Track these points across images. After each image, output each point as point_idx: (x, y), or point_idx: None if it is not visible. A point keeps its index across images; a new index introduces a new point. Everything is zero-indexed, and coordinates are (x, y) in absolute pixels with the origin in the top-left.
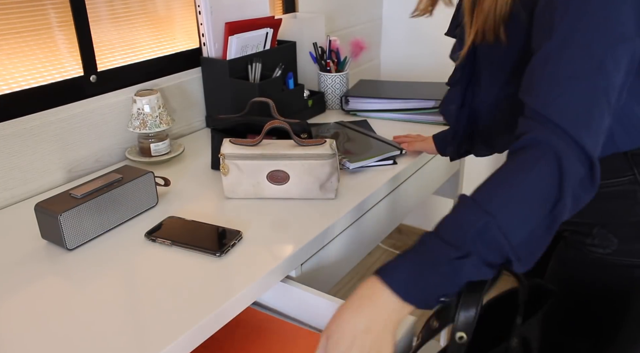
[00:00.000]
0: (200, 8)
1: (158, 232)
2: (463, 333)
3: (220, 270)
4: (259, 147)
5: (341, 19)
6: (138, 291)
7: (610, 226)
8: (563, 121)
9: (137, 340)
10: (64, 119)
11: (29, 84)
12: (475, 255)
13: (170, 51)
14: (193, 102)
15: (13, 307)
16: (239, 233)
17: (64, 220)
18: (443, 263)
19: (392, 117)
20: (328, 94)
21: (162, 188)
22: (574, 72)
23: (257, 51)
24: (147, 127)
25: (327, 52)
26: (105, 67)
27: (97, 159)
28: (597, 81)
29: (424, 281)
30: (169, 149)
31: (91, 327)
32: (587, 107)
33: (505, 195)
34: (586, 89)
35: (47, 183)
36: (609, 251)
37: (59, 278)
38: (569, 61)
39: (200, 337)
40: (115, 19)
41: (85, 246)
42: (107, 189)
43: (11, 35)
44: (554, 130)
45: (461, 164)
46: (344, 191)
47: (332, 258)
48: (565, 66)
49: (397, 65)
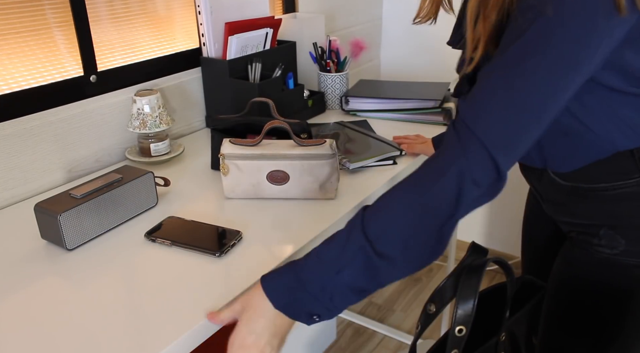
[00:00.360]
0: (200, 8)
1: (158, 232)
2: (462, 326)
3: (220, 270)
4: (259, 147)
5: (341, 19)
6: (138, 292)
7: (618, 228)
8: (487, 140)
9: (137, 340)
10: (64, 119)
11: (29, 84)
12: (346, 276)
13: (170, 51)
14: (193, 102)
15: (13, 307)
16: (238, 233)
17: (63, 220)
18: (313, 281)
19: (392, 117)
20: (328, 94)
21: (162, 188)
22: (511, 94)
23: (257, 51)
24: (147, 127)
25: (327, 52)
26: (105, 67)
27: (97, 159)
28: (533, 106)
29: (293, 296)
30: (169, 149)
31: (91, 327)
32: (513, 132)
33: (391, 215)
34: (519, 113)
35: (47, 183)
36: (616, 252)
37: (59, 278)
38: (509, 82)
39: (200, 337)
40: (115, 19)
41: (85, 246)
42: (107, 189)
43: (11, 35)
44: (472, 143)
45: None
46: (344, 191)
47: None
48: (504, 85)
49: (397, 65)
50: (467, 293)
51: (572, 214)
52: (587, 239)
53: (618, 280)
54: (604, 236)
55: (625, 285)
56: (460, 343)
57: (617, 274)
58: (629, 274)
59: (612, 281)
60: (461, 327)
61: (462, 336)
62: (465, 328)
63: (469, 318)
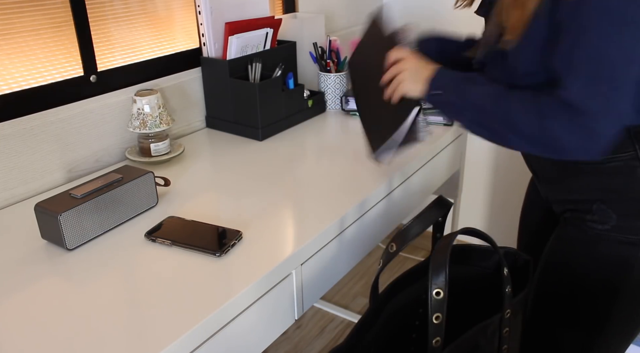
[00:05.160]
0: (200, 8)
1: (158, 232)
2: (439, 289)
3: (220, 270)
4: None
5: (341, 19)
6: (138, 291)
7: (610, 202)
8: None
9: (137, 340)
10: (64, 119)
11: (29, 84)
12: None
13: (170, 51)
14: (193, 102)
15: (13, 307)
16: (239, 233)
17: (64, 220)
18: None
19: None
20: (328, 94)
21: (162, 188)
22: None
23: (257, 51)
24: (147, 127)
25: (327, 52)
26: (105, 67)
27: (97, 159)
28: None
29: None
30: (169, 149)
31: (91, 327)
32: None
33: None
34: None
35: (47, 183)
36: (607, 227)
37: (59, 278)
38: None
39: (200, 337)
40: (115, 19)
41: (85, 246)
42: (107, 189)
43: (11, 35)
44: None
45: (461, 164)
46: (344, 190)
47: (332, 258)
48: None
49: None
50: (439, 259)
51: (568, 191)
52: (580, 215)
53: (606, 256)
54: (597, 211)
55: (614, 261)
56: (442, 306)
57: (605, 249)
58: (617, 249)
59: (600, 257)
60: (438, 289)
61: (440, 299)
62: (443, 292)
63: (444, 283)
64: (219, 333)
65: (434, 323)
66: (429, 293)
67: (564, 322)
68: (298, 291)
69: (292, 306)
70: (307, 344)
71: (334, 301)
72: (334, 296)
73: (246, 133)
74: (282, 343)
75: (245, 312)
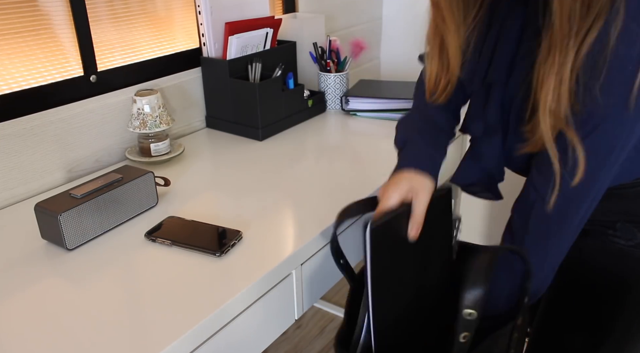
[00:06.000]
0: (200, 8)
1: (158, 232)
2: (472, 310)
3: (220, 270)
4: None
5: (341, 19)
6: (138, 292)
7: (635, 223)
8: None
9: (138, 340)
10: (64, 119)
11: (29, 84)
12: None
13: (170, 51)
14: (193, 102)
15: (13, 307)
16: (239, 233)
17: (64, 220)
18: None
19: (392, 117)
20: (328, 94)
21: (162, 188)
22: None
23: (257, 51)
24: (147, 127)
25: (327, 52)
26: (105, 67)
27: (97, 159)
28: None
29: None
30: (169, 149)
31: (91, 327)
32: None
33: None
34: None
35: (47, 183)
36: (631, 244)
37: (59, 278)
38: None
39: (201, 337)
40: (115, 19)
41: (85, 246)
42: (107, 189)
43: (11, 35)
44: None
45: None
46: (344, 190)
47: (332, 257)
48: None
49: (397, 65)
50: (477, 278)
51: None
52: (602, 230)
53: (629, 272)
54: (621, 228)
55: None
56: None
57: (629, 266)
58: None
59: (622, 273)
60: (471, 311)
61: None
62: (476, 312)
63: (480, 303)
64: (219, 333)
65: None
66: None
67: (575, 327)
68: (298, 291)
69: (292, 306)
70: (307, 344)
71: (334, 301)
72: (334, 296)
73: (246, 133)
74: (282, 343)
75: (245, 312)
